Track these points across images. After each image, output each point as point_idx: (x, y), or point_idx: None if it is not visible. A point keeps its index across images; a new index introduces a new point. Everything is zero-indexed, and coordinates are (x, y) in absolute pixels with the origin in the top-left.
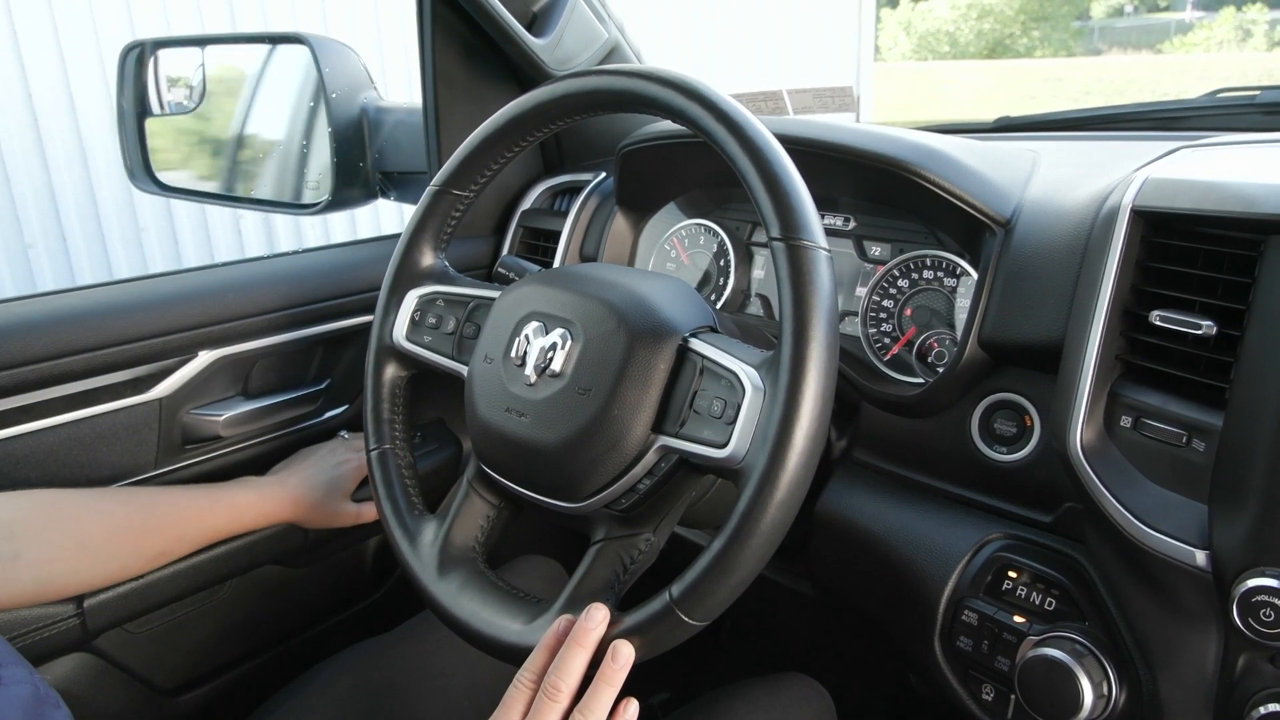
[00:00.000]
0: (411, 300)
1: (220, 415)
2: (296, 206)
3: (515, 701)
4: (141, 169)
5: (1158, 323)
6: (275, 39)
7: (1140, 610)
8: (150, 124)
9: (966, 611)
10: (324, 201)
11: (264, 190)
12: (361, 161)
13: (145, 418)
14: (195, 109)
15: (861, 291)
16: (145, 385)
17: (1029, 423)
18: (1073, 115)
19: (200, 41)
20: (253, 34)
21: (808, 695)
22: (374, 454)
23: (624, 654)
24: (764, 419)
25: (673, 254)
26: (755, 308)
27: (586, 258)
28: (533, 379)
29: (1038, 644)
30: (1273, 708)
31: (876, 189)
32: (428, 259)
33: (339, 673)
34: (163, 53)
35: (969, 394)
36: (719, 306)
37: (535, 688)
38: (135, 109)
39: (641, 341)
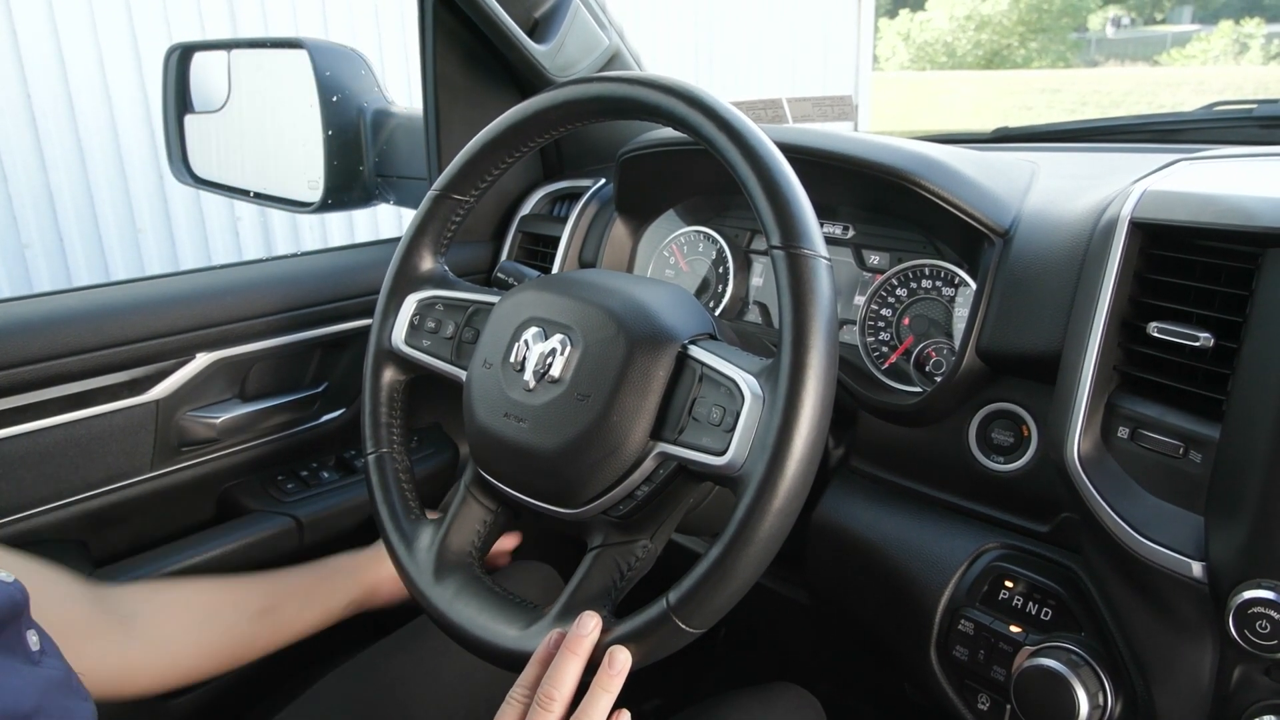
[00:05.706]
0: (411, 304)
1: (217, 418)
2: (294, 204)
3: (508, 719)
4: (180, 161)
5: (1155, 334)
6: (276, 44)
7: (1136, 621)
8: (188, 121)
9: (963, 621)
10: (317, 202)
11: (270, 187)
12: (360, 165)
13: (142, 419)
14: (221, 108)
15: (860, 300)
16: (142, 387)
17: (1026, 433)
18: (1071, 126)
19: (227, 45)
20: (260, 39)
21: (799, 705)
22: (371, 458)
23: (620, 661)
24: (763, 427)
25: (671, 261)
26: (753, 315)
27: (585, 264)
28: (532, 384)
29: (1034, 654)
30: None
31: (876, 198)
32: (427, 263)
33: (334, 678)
34: (198, 55)
35: (967, 403)
36: (717, 314)
37: (528, 703)
38: (176, 106)
39: (641, 348)
